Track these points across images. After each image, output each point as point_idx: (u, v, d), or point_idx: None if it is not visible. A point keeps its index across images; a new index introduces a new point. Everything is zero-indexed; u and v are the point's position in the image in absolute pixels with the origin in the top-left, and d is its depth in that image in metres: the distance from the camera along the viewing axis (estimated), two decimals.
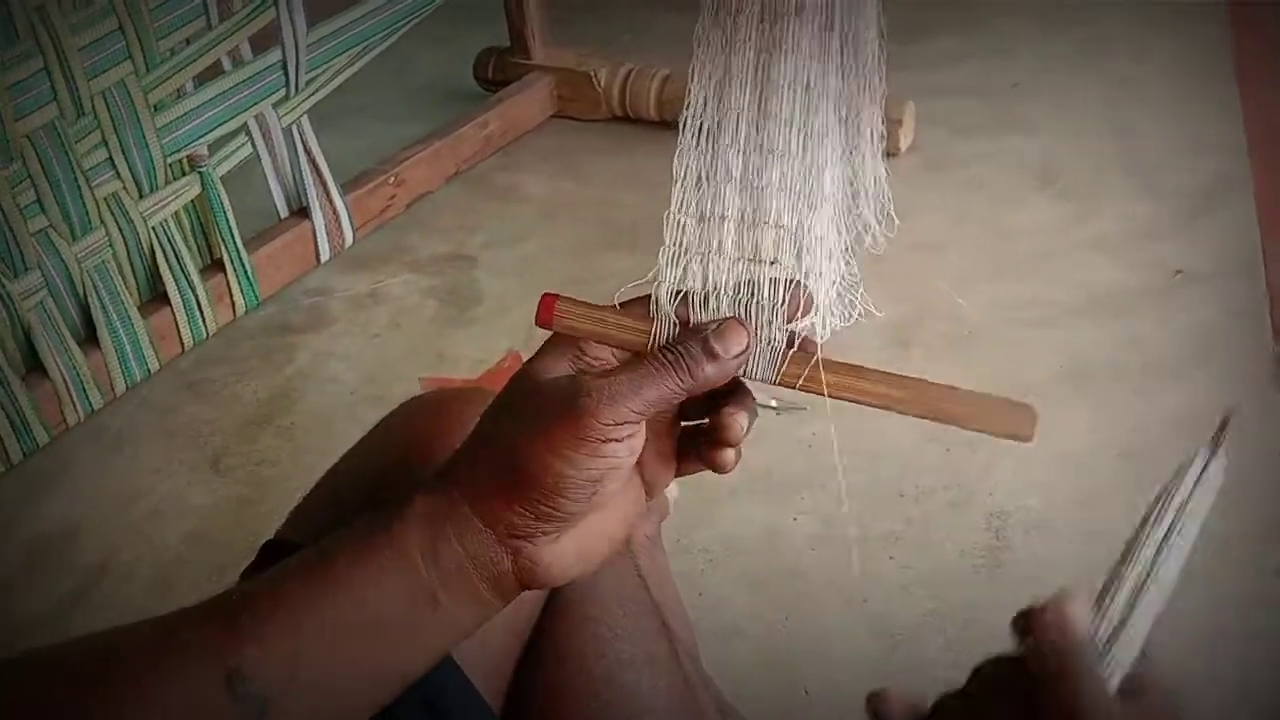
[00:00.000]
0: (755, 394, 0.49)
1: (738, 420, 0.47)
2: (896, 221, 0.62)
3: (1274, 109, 1.81)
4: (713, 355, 0.45)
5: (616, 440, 0.43)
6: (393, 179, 1.74)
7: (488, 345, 1.47)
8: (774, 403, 1.24)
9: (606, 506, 0.47)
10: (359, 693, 0.46)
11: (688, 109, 0.48)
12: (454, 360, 1.46)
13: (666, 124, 1.87)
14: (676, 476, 0.51)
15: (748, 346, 0.46)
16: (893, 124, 1.72)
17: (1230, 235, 1.53)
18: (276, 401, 1.43)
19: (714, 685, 0.79)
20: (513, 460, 0.44)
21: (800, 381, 0.46)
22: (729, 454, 0.48)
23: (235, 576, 0.59)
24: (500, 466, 0.44)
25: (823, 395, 0.46)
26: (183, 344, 1.50)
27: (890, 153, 1.75)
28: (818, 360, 0.46)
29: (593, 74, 1.94)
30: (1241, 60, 1.95)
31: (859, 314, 0.54)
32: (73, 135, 1.30)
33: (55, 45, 1.24)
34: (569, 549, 0.46)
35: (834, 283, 0.50)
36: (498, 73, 2.04)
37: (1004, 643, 0.41)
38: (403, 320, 1.56)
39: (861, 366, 0.47)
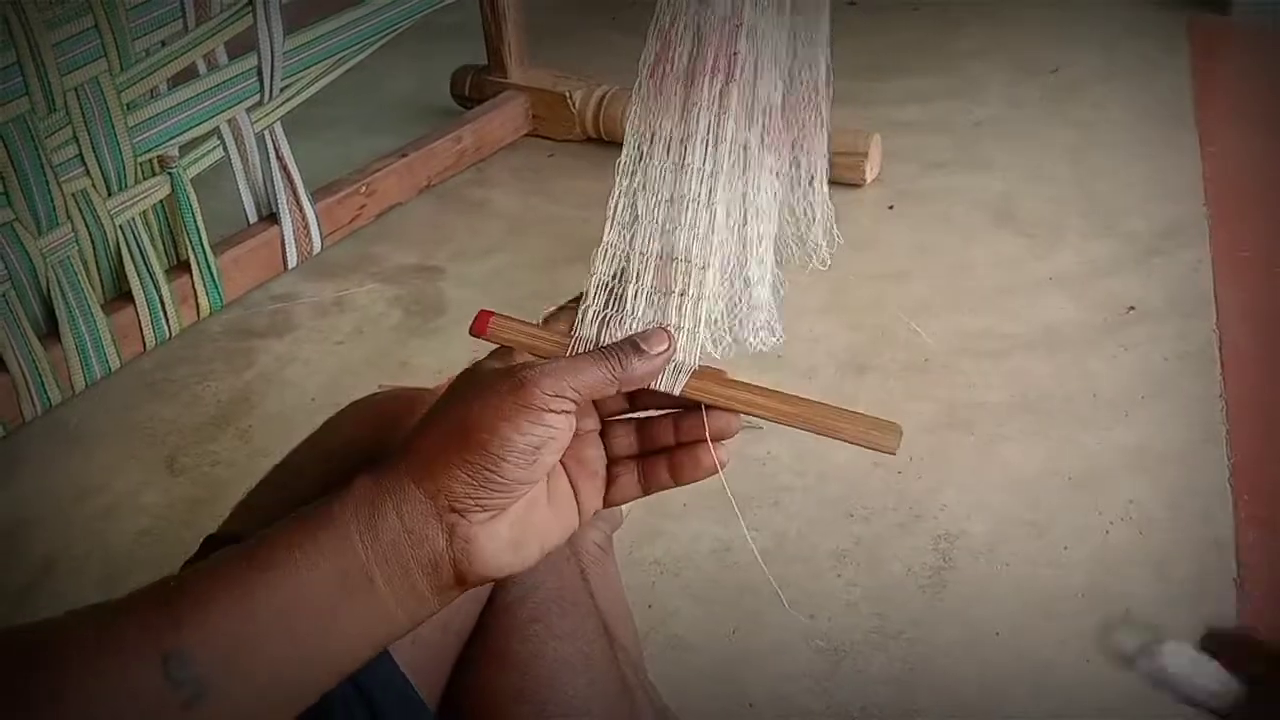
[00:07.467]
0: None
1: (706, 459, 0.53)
2: (837, 250, 0.66)
3: (1232, 158, 1.86)
4: (639, 351, 0.51)
5: (555, 412, 0.47)
6: (364, 189, 1.76)
7: (450, 356, 1.48)
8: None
9: (540, 503, 0.50)
10: (296, 679, 0.45)
11: (621, 161, 0.56)
12: (416, 370, 1.47)
13: None
14: (644, 495, 0.55)
15: (669, 347, 0.52)
16: (858, 156, 1.75)
17: (1184, 276, 1.56)
18: (236, 404, 1.43)
19: (656, 693, 0.80)
20: (461, 428, 0.46)
21: (708, 397, 0.52)
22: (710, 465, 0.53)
23: None
24: (447, 435, 0.47)
25: (716, 406, 0.52)
26: (145, 343, 1.50)
27: (855, 184, 1.78)
28: (719, 376, 0.52)
29: (568, 95, 1.96)
30: (1202, 111, 2.00)
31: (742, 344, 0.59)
32: (43, 130, 1.30)
33: (29, 39, 1.25)
34: (503, 535, 0.47)
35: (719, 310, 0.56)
36: (474, 90, 2.06)
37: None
38: (366, 328, 1.57)
39: (754, 385, 0.52)
